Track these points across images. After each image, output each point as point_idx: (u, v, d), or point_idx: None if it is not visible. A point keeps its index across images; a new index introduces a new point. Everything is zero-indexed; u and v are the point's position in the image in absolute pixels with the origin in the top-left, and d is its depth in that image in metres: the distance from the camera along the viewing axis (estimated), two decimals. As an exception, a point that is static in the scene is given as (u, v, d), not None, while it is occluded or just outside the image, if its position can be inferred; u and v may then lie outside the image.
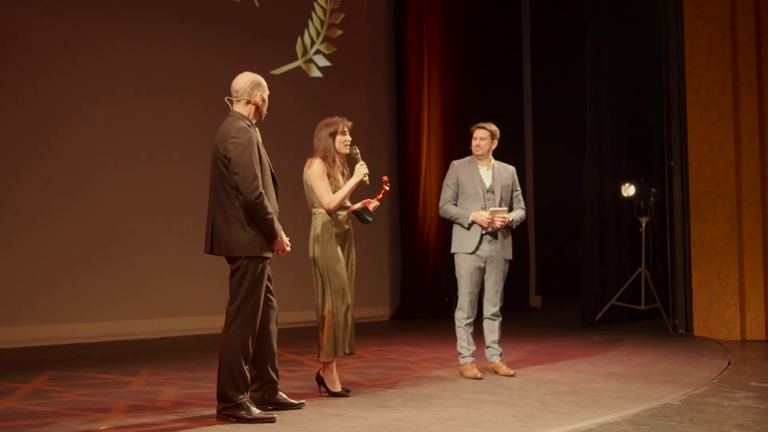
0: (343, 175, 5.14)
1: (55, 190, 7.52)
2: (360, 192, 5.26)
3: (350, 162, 5.21)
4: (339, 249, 5.04)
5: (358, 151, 5.17)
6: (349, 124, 5.14)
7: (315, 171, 5.03)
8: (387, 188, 5.30)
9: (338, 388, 5.06)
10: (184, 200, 8.12)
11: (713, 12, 8.28)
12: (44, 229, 7.43)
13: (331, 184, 5.03)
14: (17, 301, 7.23)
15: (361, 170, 5.09)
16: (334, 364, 5.09)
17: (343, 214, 5.12)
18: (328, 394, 5.05)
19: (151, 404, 4.79)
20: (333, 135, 5.07)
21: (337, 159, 5.11)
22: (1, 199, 7.24)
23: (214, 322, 5.86)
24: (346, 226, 5.13)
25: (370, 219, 5.20)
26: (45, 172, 7.48)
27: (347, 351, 5.06)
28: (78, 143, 7.69)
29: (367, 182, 5.09)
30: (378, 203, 5.25)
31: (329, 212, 5.03)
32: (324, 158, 5.05)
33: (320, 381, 5.10)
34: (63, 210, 7.55)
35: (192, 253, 7.34)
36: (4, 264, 7.19)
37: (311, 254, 5.06)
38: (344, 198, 5.05)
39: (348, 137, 5.11)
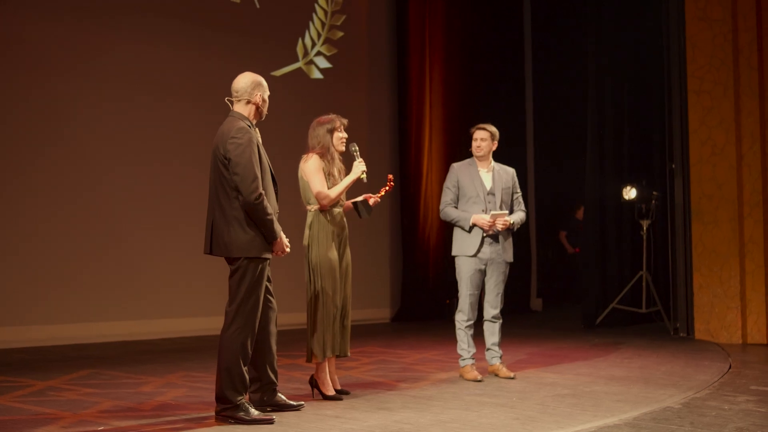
0: (340, 172, 5.09)
1: (64, 194, 7.58)
2: (359, 189, 5.23)
3: (348, 159, 5.18)
4: (334, 249, 4.98)
5: (356, 148, 5.13)
6: (345, 121, 5.10)
7: (311, 166, 4.97)
8: (391, 185, 5.27)
9: (331, 392, 4.97)
10: (187, 201, 8.11)
11: (715, 14, 8.27)
12: (48, 234, 7.46)
13: (327, 181, 4.97)
14: (18, 301, 7.26)
15: (359, 167, 5.05)
16: (326, 366, 5.00)
17: (338, 211, 5.06)
18: (321, 398, 4.98)
19: (148, 405, 4.77)
20: (331, 132, 5.02)
21: (336, 156, 5.07)
22: (19, 203, 7.35)
23: (213, 323, 5.85)
24: (342, 224, 5.08)
25: (368, 214, 5.16)
26: (54, 175, 7.54)
27: (338, 353, 5.01)
28: (83, 146, 7.71)
29: (365, 180, 5.05)
30: (379, 200, 5.20)
31: (323, 208, 4.96)
32: (321, 155, 5.00)
33: (313, 384, 5.03)
34: (67, 213, 7.58)
35: (191, 254, 7.34)
36: (14, 265, 7.27)
37: (305, 252, 4.99)
38: (340, 194, 4.98)
39: (344, 134, 5.07)
